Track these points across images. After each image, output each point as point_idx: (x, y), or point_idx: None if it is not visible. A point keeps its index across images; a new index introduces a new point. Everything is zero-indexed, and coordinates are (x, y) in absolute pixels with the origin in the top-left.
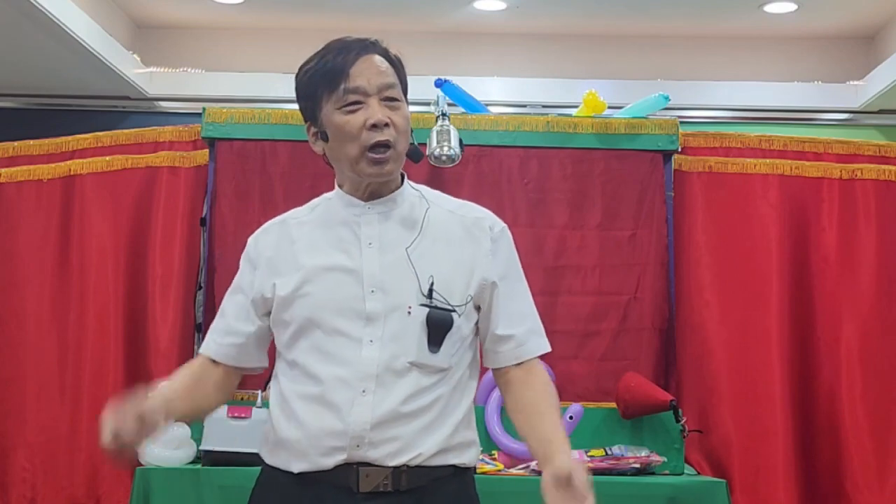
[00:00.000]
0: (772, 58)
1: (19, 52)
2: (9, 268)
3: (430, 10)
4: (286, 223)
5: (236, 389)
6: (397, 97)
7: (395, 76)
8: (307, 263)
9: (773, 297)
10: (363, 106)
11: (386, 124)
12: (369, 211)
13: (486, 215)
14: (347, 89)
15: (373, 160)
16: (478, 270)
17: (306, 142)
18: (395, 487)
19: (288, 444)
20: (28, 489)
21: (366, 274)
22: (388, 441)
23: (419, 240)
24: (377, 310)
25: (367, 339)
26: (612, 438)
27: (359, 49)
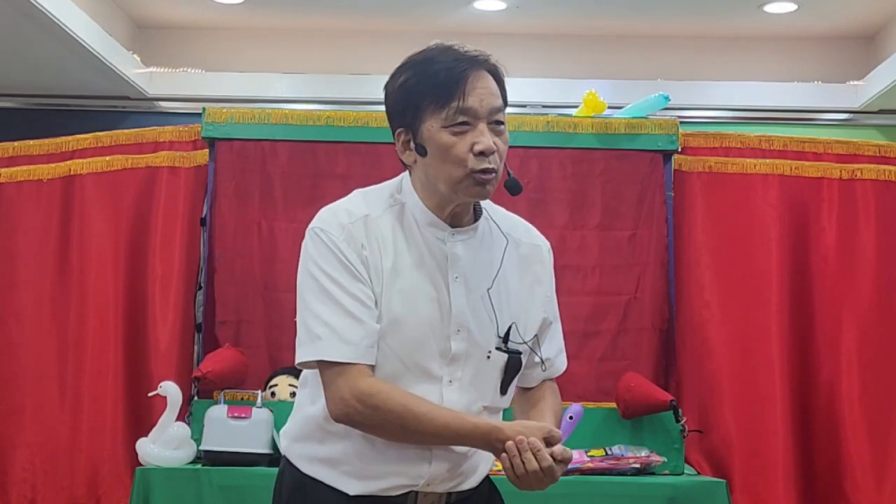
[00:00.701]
0: (772, 58)
1: (19, 52)
2: (9, 268)
3: (430, 10)
4: (369, 222)
5: (235, 390)
6: (503, 121)
7: (501, 97)
8: (396, 285)
9: (773, 296)
10: (471, 129)
11: (493, 152)
12: (453, 239)
13: (540, 242)
14: (460, 109)
15: (479, 180)
16: (541, 311)
17: (306, 142)
18: (447, 501)
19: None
20: (28, 489)
21: (454, 312)
22: (454, 479)
23: (498, 280)
24: (461, 350)
25: (447, 378)
26: (612, 438)
27: (473, 64)
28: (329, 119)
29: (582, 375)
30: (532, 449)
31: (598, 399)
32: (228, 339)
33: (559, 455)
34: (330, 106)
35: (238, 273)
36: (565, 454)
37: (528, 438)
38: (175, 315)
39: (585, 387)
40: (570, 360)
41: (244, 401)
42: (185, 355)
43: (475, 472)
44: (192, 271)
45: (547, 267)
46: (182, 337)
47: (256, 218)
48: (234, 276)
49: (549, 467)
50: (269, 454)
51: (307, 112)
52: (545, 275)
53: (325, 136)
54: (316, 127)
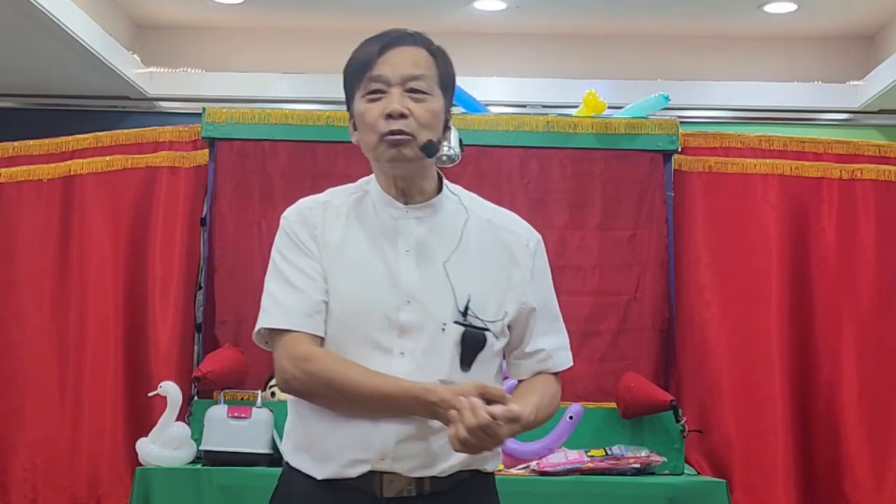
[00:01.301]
0: (772, 58)
1: (19, 52)
2: (9, 268)
3: (430, 10)
4: (328, 207)
5: (235, 390)
6: (424, 90)
7: (428, 69)
8: (344, 261)
9: (773, 296)
10: (385, 95)
11: (402, 115)
12: (408, 216)
13: (523, 230)
14: (371, 77)
15: (390, 142)
16: (516, 293)
17: (306, 142)
18: (418, 492)
19: (311, 448)
20: (29, 489)
21: (402, 283)
22: (413, 457)
23: (458, 254)
24: (411, 322)
25: (398, 350)
26: (612, 438)
27: (391, 39)
28: (329, 119)
29: (582, 375)
30: (471, 407)
31: (598, 399)
32: (228, 339)
33: (501, 415)
34: (330, 106)
35: (238, 273)
36: (509, 413)
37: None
38: (175, 315)
39: (585, 387)
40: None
41: (244, 401)
42: (185, 355)
43: (446, 456)
44: (192, 271)
45: (527, 254)
46: (182, 337)
47: (256, 218)
48: (234, 276)
49: (488, 425)
50: (269, 454)
51: (307, 112)
52: (524, 260)
53: (325, 136)
54: (316, 127)
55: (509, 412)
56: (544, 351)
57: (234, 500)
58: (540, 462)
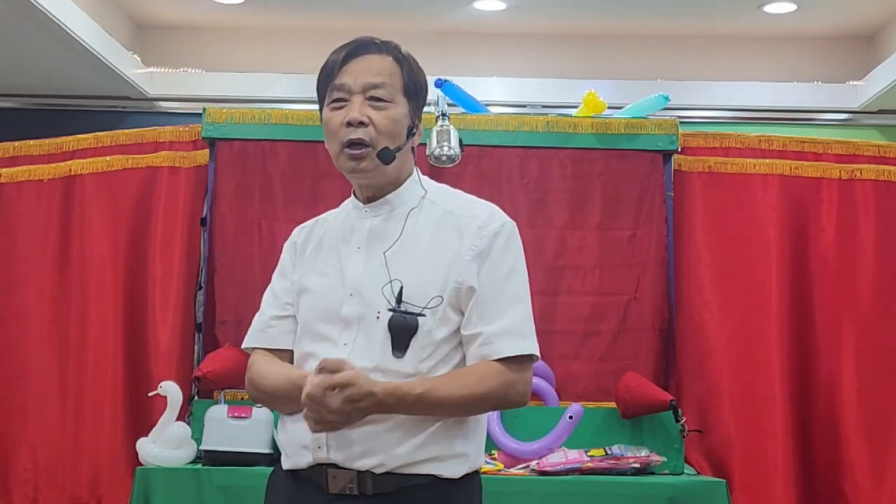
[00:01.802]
0: (772, 58)
1: (19, 52)
2: (9, 268)
3: (430, 10)
4: (318, 223)
5: (236, 390)
6: (385, 98)
7: (392, 76)
8: (311, 265)
9: (773, 296)
10: (347, 104)
11: (361, 122)
12: (366, 214)
13: (480, 213)
14: (334, 86)
15: (349, 155)
16: (453, 273)
17: (306, 142)
18: (360, 491)
19: (281, 440)
20: (30, 489)
21: (347, 278)
22: (347, 445)
23: (399, 243)
24: (352, 314)
25: (342, 342)
26: (612, 438)
27: (355, 47)
28: None
29: (582, 375)
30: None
31: (598, 399)
32: (228, 339)
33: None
34: None
35: (238, 273)
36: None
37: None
38: (175, 315)
39: (585, 387)
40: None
41: (244, 401)
42: (185, 355)
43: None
44: (192, 271)
45: (478, 235)
46: (182, 337)
47: (256, 218)
48: (234, 276)
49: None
50: (269, 454)
51: (307, 112)
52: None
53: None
54: (316, 127)
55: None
56: (481, 335)
57: (234, 499)
58: (540, 462)
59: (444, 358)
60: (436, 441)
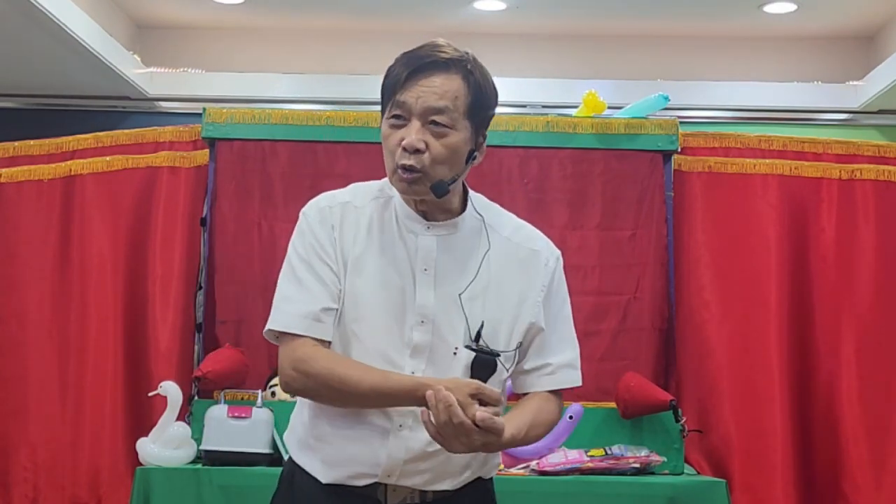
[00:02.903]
0: (772, 58)
1: (19, 52)
2: (9, 268)
3: (430, 10)
4: (348, 208)
5: (236, 390)
6: (446, 124)
7: (456, 100)
8: (363, 272)
9: (773, 297)
10: (406, 124)
11: (417, 150)
12: (428, 233)
13: (542, 247)
14: (396, 103)
15: (399, 178)
16: (526, 314)
17: (306, 142)
18: (421, 500)
19: (319, 451)
20: (30, 489)
21: (418, 303)
22: (420, 474)
23: (474, 285)
24: (423, 342)
25: (409, 369)
26: (612, 438)
27: (423, 64)
28: (329, 119)
29: (582, 375)
30: (444, 402)
31: (598, 399)
32: (228, 339)
33: (479, 420)
34: (330, 106)
35: (238, 273)
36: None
37: (443, 391)
38: (175, 315)
39: (585, 387)
40: None
41: (244, 401)
42: (185, 355)
43: (455, 474)
44: (192, 271)
45: (542, 273)
46: (182, 337)
47: (256, 218)
48: (234, 276)
49: (461, 424)
50: (270, 454)
51: (307, 112)
52: (540, 278)
53: (325, 136)
54: (316, 127)
55: (491, 422)
56: (550, 365)
57: (234, 499)
58: (540, 462)
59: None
60: (487, 459)
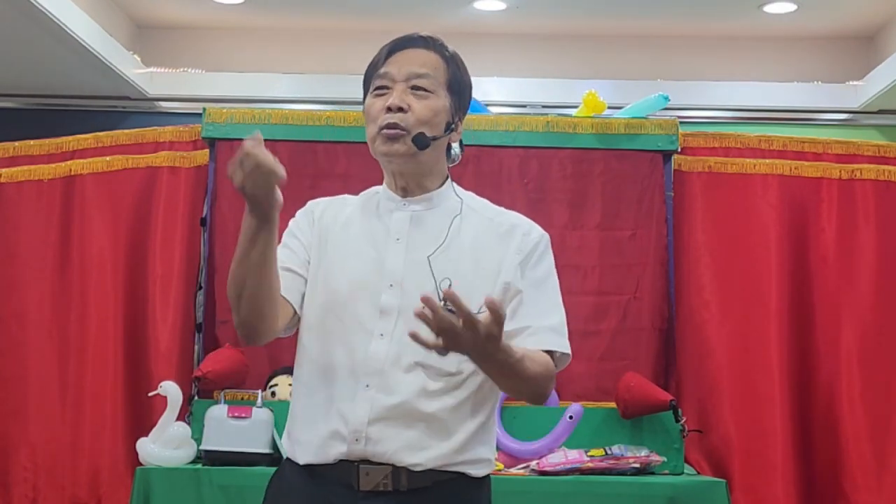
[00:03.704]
0: (772, 58)
1: (19, 52)
2: (9, 268)
3: (430, 10)
4: (335, 202)
5: (236, 390)
6: (428, 88)
7: (436, 70)
8: (338, 246)
9: (773, 297)
10: (389, 91)
11: (400, 108)
12: (404, 207)
13: (521, 222)
14: (378, 75)
15: (384, 136)
16: (501, 275)
17: (306, 142)
18: (395, 487)
19: (296, 435)
20: (30, 489)
21: (387, 268)
22: (387, 439)
23: (443, 249)
24: (392, 305)
25: (377, 332)
26: (612, 438)
27: (403, 41)
28: (329, 119)
29: (582, 375)
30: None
31: (598, 399)
32: (229, 339)
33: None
34: (330, 106)
35: None
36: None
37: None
38: (175, 315)
39: (585, 387)
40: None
41: (244, 401)
42: (185, 355)
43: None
44: (192, 271)
45: (519, 242)
46: (182, 337)
47: None
48: None
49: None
50: (269, 454)
51: (307, 112)
52: (518, 244)
53: (325, 136)
54: (316, 127)
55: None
56: (530, 327)
57: (234, 499)
58: (540, 462)
59: None
60: (469, 446)
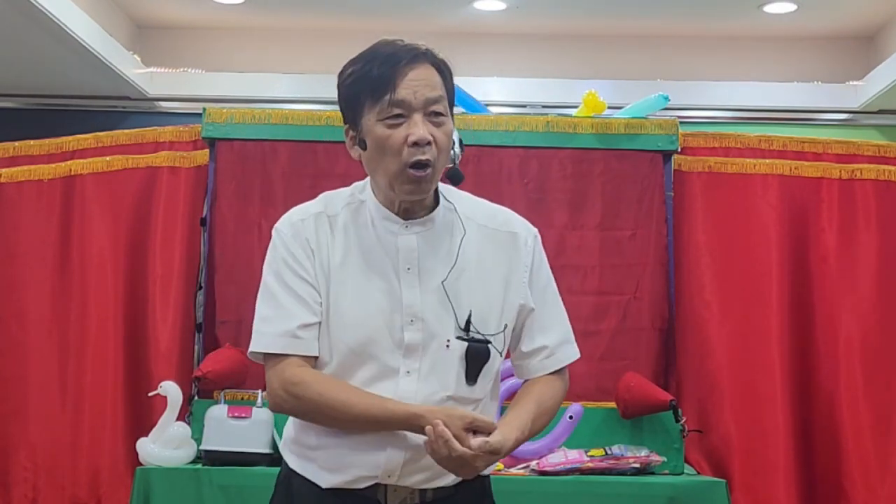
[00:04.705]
0: (772, 58)
1: (19, 52)
2: (9, 268)
3: (430, 10)
4: (321, 218)
5: (236, 390)
6: (442, 112)
7: (442, 88)
8: (346, 280)
9: (773, 297)
10: (406, 121)
11: (428, 143)
12: (407, 231)
13: (519, 228)
14: (392, 101)
15: (412, 177)
16: (513, 296)
17: (306, 142)
18: (421, 500)
19: (317, 458)
20: (30, 489)
21: (405, 303)
22: (419, 472)
23: (455, 272)
24: (416, 341)
25: (404, 370)
26: (612, 438)
27: (409, 58)
28: (329, 119)
29: (582, 375)
30: (441, 437)
31: (598, 399)
32: (229, 339)
33: (477, 447)
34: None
35: (238, 273)
36: (486, 447)
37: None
38: (175, 315)
39: (585, 387)
40: None
41: (244, 401)
42: (185, 355)
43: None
44: (192, 271)
45: (523, 254)
46: (182, 337)
47: (256, 218)
48: (234, 276)
49: (460, 457)
50: (269, 454)
51: (307, 112)
52: (520, 261)
53: (325, 136)
54: (316, 127)
55: (487, 445)
56: (547, 348)
57: (235, 499)
58: (540, 462)
59: (494, 378)
60: None
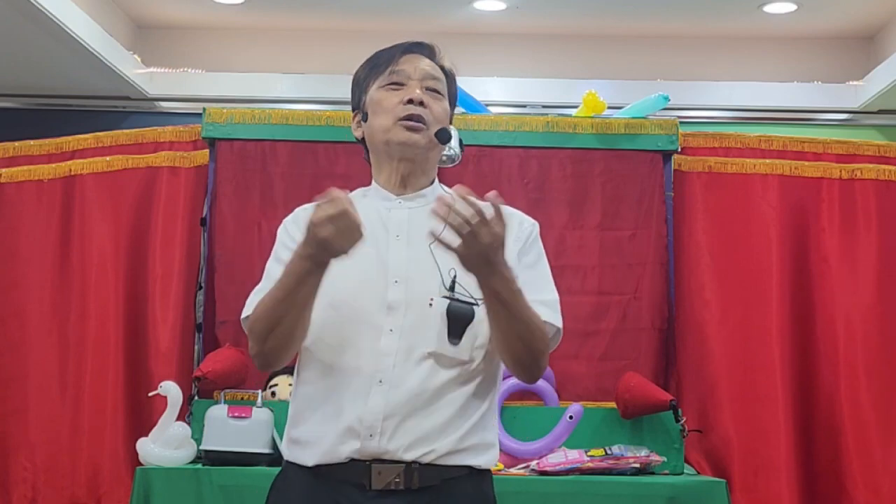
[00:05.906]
0: (772, 58)
1: (19, 52)
2: (9, 268)
3: (430, 10)
4: None
5: (236, 390)
6: (439, 90)
7: (444, 78)
8: None
9: (773, 296)
10: (404, 87)
11: (422, 103)
12: (400, 205)
13: (514, 212)
14: (393, 71)
15: (405, 126)
16: None
17: (306, 142)
18: (406, 485)
19: (303, 437)
20: (29, 489)
21: (391, 265)
22: (402, 433)
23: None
24: (398, 300)
25: (386, 328)
26: (612, 438)
27: (417, 47)
28: (329, 119)
29: (582, 375)
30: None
31: (598, 399)
32: (229, 339)
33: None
34: (330, 106)
35: (238, 273)
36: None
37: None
38: (175, 315)
39: (585, 387)
40: (570, 360)
41: (244, 401)
42: (185, 355)
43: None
44: (192, 271)
45: (516, 231)
46: (182, 337)
47: (257, 218)
48: (234, 276)
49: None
50: (269, 454)
51: (307, 112)
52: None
53: (325, 136)
54: (316, 127)
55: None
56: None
57: (235, 499)
58: (539, 462)
59: (487, 346)
60: (475, 432)
